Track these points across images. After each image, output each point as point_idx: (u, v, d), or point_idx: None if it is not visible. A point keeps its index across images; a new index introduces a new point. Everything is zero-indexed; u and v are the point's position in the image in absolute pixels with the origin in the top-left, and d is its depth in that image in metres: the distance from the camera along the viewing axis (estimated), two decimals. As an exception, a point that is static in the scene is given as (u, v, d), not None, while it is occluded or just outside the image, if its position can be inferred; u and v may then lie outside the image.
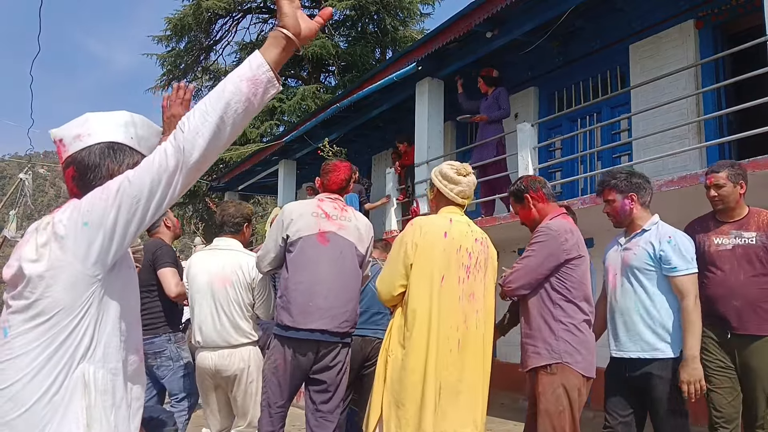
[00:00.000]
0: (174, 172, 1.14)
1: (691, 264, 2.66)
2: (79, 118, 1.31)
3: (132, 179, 1.14)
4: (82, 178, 1.26)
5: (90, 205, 1.15)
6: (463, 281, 2.41)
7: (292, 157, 11.92)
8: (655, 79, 5.66)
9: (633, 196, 2.80)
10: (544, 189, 2.78)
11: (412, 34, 17.92)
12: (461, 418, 2.32)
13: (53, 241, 1.14)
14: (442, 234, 2.42)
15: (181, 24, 17.19)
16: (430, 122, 7.88)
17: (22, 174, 8.67)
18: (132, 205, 1.14)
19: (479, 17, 6.43)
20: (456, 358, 2.34)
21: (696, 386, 2.53)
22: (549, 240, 2.56)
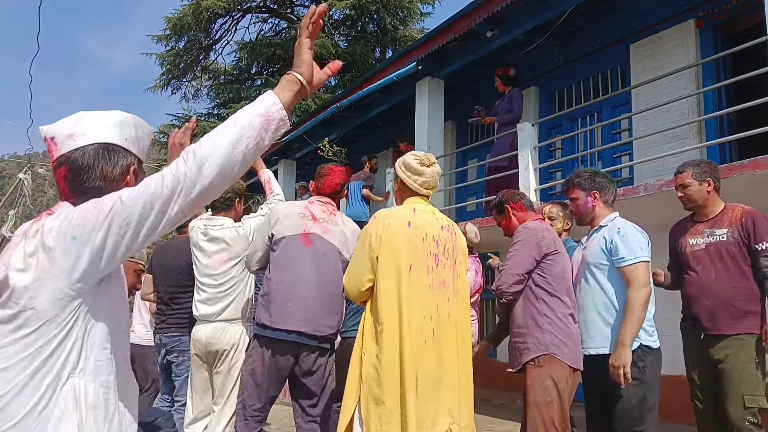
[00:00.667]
0: (168, 201, 1.12)
1: (638, 253, 2.62)
2: (72, 117, 1.27)
3: (125, 200, 1.12)
4: (75, 179, 1.23)
5: (81, 219, 1.12)
6: (432, 270, 2.37)
7: (291, 157, 11.92)
8: (656, 78, 5.66)
9: (596, 194, 2.87)
10: (523, 200, 2.99)
11: (412, 33, 17.90)
12: (440, 409, 2.29)
13: (41, 252, 1.12)
14: (406, 224, 2.38)
15: (181, 23, 17.17)
16: (430, 122, 7.88)
17: (22, 174, 8.65)
18: (122, 226, 1.11)
19: (479, 17, 6.42)
20: (431, 348, 2.30)
21: (621, 371, 2.49)
22: (528, 237, 2.69)
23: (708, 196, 2.99)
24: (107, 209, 1.12)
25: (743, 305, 2.82)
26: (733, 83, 5.10)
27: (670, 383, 5.57)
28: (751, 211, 2.89)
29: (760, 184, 4.33)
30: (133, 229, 1.12)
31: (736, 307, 2.82)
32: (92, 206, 1.13)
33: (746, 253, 2.84)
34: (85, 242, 1.11)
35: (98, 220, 1.11)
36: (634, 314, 2.54)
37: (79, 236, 1.11)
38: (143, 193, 1.12)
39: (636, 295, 2.56)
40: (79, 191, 1.21)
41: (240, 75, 19.00)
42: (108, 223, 1.11)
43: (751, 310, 2.81)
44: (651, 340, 2.63)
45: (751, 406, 2.71)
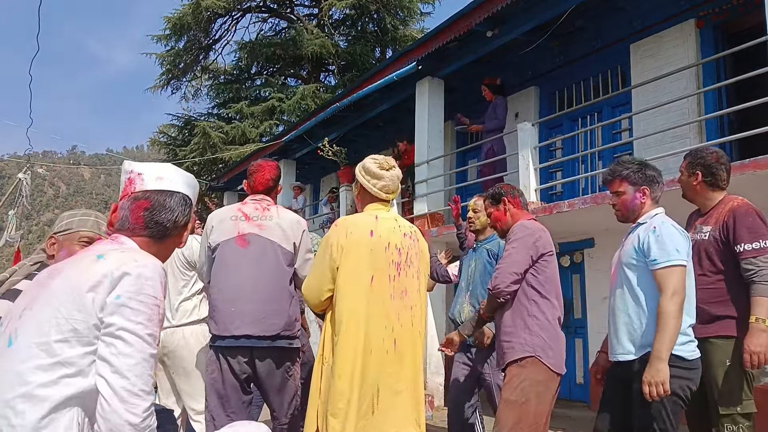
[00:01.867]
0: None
1: (672, 256, 2.34)
2: (158, 164, 1.51)
3: (144, 336, 1.26)
4: (156, 213, 1.41)
5: (137, 307, 1.26)
6: (394, 279, 2.33)
7: (291, 157, 11.91)
8: (656, 78, 5.65)
9: (645, 189, 2.55)
10: (521, 198, 2.91)
11: (412, 33, 17.90)
12: (403, 419, 2.26)
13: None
14: (368, 233, 2.34)
15: (181, 23, 17.16)
16: (430, 122, 7.87)
17: (21, 174, 8.64)
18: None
19: (479, 16, 6.42)
20: (393, 358, 2.27)
21: (659, 389, 2.24)
22: (525, 235, 2.64)
23: (696, 189, 2.78)
24: (139, 335, 1.25)
25: (715, 308, 2.63)
26: (733, 83, 5.09)
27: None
28: (737, 208, 2.65)
29: (760, 184, 4.33)
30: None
31: (706, 310, 2.61)
32: (139, 313, 1.26)
33: (726, 253, 2.63)
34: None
35: (136, 322, 1.25)
36: (668, 325, 2.26)
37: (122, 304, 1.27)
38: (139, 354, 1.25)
39: (668, 303, 2.29)
40: (152, 225, 1.40)
41: (240, 75, 19.00)
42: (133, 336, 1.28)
43: (724, 314, 2.61)
44: (683, 349, 2.36)
45: (727, 413, 2.53)
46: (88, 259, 1.30)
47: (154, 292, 1.28)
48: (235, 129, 16.28)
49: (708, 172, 2.74)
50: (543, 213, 5.75)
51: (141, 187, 1.43)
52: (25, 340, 1.21)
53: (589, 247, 6.57)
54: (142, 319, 1.24)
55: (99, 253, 1.31)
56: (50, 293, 1.25)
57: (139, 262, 1.28)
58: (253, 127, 16.39)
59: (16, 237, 8.29)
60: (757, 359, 2.47)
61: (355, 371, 2.22)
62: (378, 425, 2.20)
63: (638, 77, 6.30)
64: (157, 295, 1.29)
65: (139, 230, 1.40)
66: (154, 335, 1.27)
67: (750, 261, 2.54)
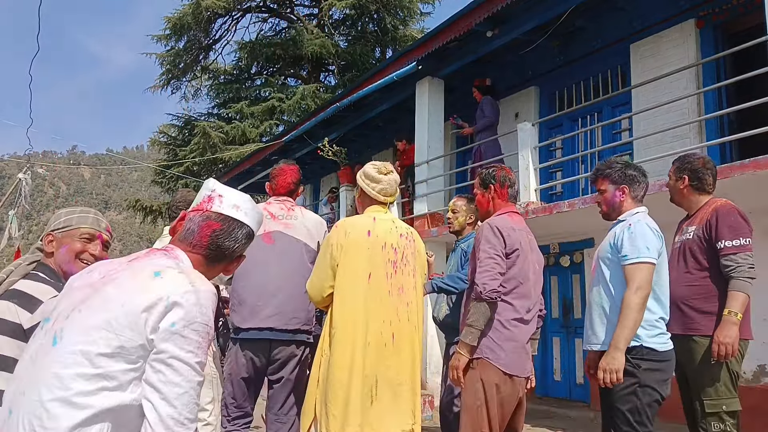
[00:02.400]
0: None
1: (642, 253, 2.45)
2: (242, 194, 1.53)
3: (190, 374, 1.25)
4: (222, 238, 1.44)
5: (182, 342, 1.24)
6: (391, 276, 2.47)
7: (291, 157, 11.89)
8: (656, 78, 5.65)
9: (625, 188, 2.68)
10: (510, 189, 2.80)
11: (412, 33, 17.90)
12: (401, 410, 2.37)
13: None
14: (366, 233, 2.49)
15: (181, 23, 17.17)
16: (431, 122, 7.87)
17: (21, 174, 8.64)
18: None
19: (479, 16, 6.42)
20: (392, 351, 2.39)
21: (612, 377, 2.37)
22: (491, 235, 2.57)
23: (683, 192, 2.89)
24: (188, 364, 1.24)
25: (699, 305, 2.71)
26: (733, 83, 5.09)
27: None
28: (720, 207, 2.74)
29: (760, 184, 4.33)
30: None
31: (691, 307, 2.72)
32: (191, 341, 1.25)
33: (710, 251, 2.71)
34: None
35: (183, 355, 1.24)
36: (629, 317, 2.39)
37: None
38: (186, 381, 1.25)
39: (632, 296, 2.41)
40: (213, 247, 1.43)
41: (240, 75, 19.00)
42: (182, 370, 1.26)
43: (708, 311, 2.68)
44: (654, 341, 2.46)
45: (712, 411, 2.59)
46: (144, 273, 1.29)
47: (206, 319, 1.28)
48: (235, 129, 16.28)
49: (694, 176, 2.86)
50: (543, 213, 5.75)
51: (217, 208, 1.46)
52: (70, 342, 1.20)
53: (589, 247, 6.57)
54: (193, 348, 1.24)
55: (156, 269, 1.30)
56: (102, 300, 1.24)
57: (194, 288, 1.27)
58: (253, 127, 16.39)
59: (17, 237, 8.29)
60: (724, 350, 2.56)
61: (354, 363, 2.33)
62: (376, 415, 2.32)
63: (638, 77, 6.30)
64: (209, 323, 1.29)
65: (199, 248, 1.42)
66: (203, 363, 1.27)
67: (730, 257, 2.64)
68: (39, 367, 1.20)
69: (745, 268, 2.61)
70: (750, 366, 4.95)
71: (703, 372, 2.63)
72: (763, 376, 4.92)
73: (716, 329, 2.62)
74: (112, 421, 1.20)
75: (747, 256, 2.63)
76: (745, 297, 2.60)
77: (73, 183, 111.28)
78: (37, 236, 73.31)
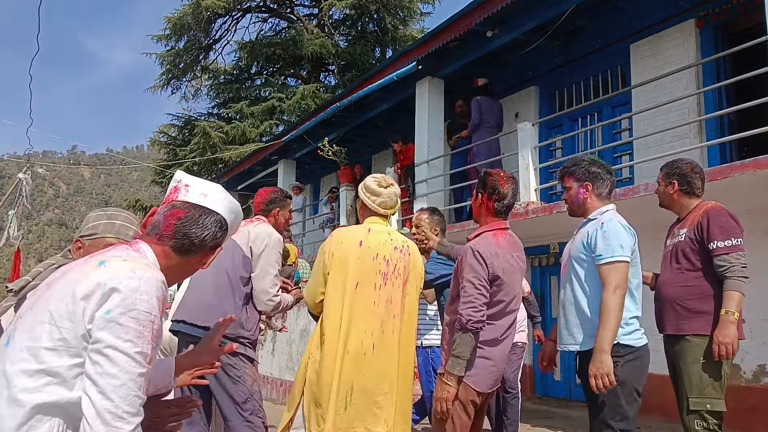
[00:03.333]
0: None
1: (616, 252, 2.45)
2: (209, 183, 1.48)
3: (128, 364, 1.19)
4: (187, 226, 1.38)
5: (131, 324, 1.20)
6: (380, 287, 2.49)
7: (291, 157, 11.91)
8: (656, 78, 5.65)
9: (588, 185, 2.68)
10: (498, 203, 2.65)
11: (412, 33, 17.91)
12: (376, 419, 2.40)
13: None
14: (358, 243, 2.53)
15: (181, 23, 17.18)
16: (431, 122, 7.87)
17: (21, 174, 8.64)
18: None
19: (479, 16, 6.42)
20: (371, 361, 2.41)
21: (604, 381, 2.36)
22: (474, 262, 2.52)
23: (672, 197, 2.94)
24: (130, 352, 1.19)
25: (692, 305, 2.73)
26: (733, 83, 5.09)
27: (670, 383, 5.57)
28: (711, 209, 2.78)
29: (760, 184, 4.33)
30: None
31: (684, 307, 2.74)
32: (138, 327, 1.20)
33: (701, 252, 2.74)
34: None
35: (128, 335, 1.19)
36: (610, 318, 2.39)
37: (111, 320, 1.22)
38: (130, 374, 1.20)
39: (610, 297, 2.41)
40: (179, 236, 1.36)
41: (240, 75, 19.01)
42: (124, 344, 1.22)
43: (701, 311, 2.70)
44: (629, 338, 2.49)
45: (696, 409, 2.63)
46: (91, 264, 1.26)
47: (148, 307, 1.21)
48: (235, 129, 16.29)
49: (684, 180, 2.91)
50: (543, 213, 5.75)
51: (184, 197, 1.42)
52: (19, 341, 1.18)
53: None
54: (132, 337, 1.17)
55: (102, 259, 1.27)
56: (50, 295, 1.22)
57: (136, 275, 1.21)
58: (253, 126, 16.39)
59: (17, 237, 8.29)
60: (725, 350, 2.57)
61: (335, 368, 2.40)
62: (349, 420, 2.36)
63: (638, 77, 6.30)
64: (151, 311, 1.21)
65: (165, 238, 1.36)
66: (144, 353, 1.19)
67: (723, 257, 2.66)
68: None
69: (739, 268, 2.63)
70: (750, 366, 4.95)
71: (693, 370, 2.67)
72: (763, 376, 4.92)
73: (714, 329, 2.63)
74: (63, 417, 1.17)
75: (739, 255, 2.66)
76: (741, 296, 2.62)
77: (73, 183, 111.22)
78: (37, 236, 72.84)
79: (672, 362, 2.82)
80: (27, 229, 50.73)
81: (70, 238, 2.00)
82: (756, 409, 4.57)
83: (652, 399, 5.58)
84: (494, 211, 2.67)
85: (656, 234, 5.80)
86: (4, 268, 48.63)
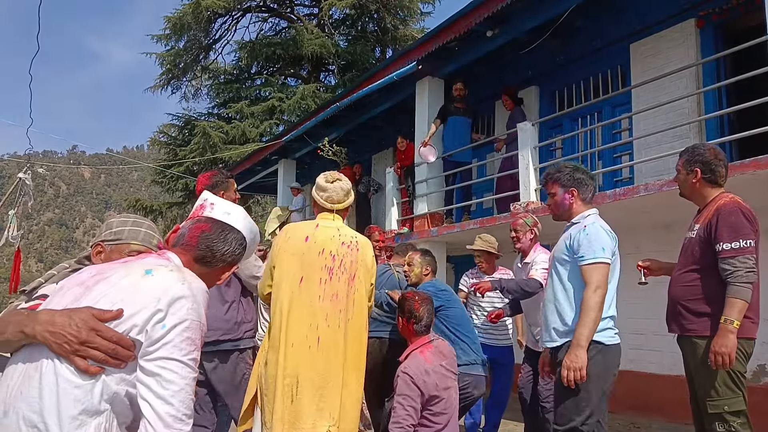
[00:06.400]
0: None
1: (598, 254, 2.56)
2: (233, 204, 1.58)
3: (185, 371, 1.26)
4: (211, 239, 1.46)
5: (186, 335, 1.26)
6: (325, 282, 2.52)
7: (291, 157, 11.91)
8: (656, 78, 5.65)
9: (573, 191, 2.79)
10: (416, 326, 3.07)
11: (412, 33, 17.91)
12: (321, 412, 2.42)
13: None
14: (304, 238, 2.58)
15: (181, 23, 17.17)
16: (431, 121, 7.87)
17: (22, 173, 8.64)
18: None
19: (480, 16, 6.42)
20: (316, 355, 2.44)
21: (576, 374, 2.45)
22: (405, 387, 2.87)
23: (694, 186, 2.76)
24: (186, 361, 1.26)
25: (693, 306, 2.64)
26: (733, 83, 5.09)
27: (670, 383, 5.58)
28: (723, 206, 2.63)
29: (760, 184, 4.33)
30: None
31: (685, 307, 2.67)
32: (188, 337, 1.26)
33: (709, 252, 2.62)
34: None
35: (179, 347, 1.25)
36: (589, 315, 2.49)
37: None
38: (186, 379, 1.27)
39: (591, 295, 2.50)
40: (203, 248, 1.45)
41: (240, 74, 19.01)
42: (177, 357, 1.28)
43: (702, 312, 2.61)
44: (601, 336, 2.56)
45: (714, 412, 2.54)
46: (136, 272, 1.29)
47: (198, 316, 1.28)
48: (236, 129, 16.29)
49: (707, 168, 2.73)
50: (543, 213, 5.75)
51: (209, 214, 1.52)
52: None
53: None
54: (186, 345, 1.25)
55: (147, 267, 1.31)
56: (94, 297, 1.25)
57: (186, 284, 1.29)
58: (254, 126, 16.39)
59: (17, 237, 8.29)
60: (721, 360, 2.47)
61: (279, 361, 2.44)
62: (295, 412, 2.40)
63: (638, 77, 6.30)
64: (201, 319, 1.29)
65: (189, 249, 1.43)
66: (196, 359, 1.28)
67: (728, 261, 2.52)
68: (31, 367, 1.21)
69: (743, 273, 2.48)
70: (750, 366, 4.91)
71: (702, 373, 2.60)
72: (763, 376, 4.92)
73: (714, 338, 2.52)
74: (111, 413, 1.23)
75: (746, 259, 2.50)
76: (743, 303, 2.47)
77: (73, 183, 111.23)
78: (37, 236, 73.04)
79: (685, 361, 2.76)
80: (27, 229, 50.70)
81: (71, 238, 2.02)
82: (756, 409, 4.55)
83: (652, 399, 5.59)
84: (415, 332, 3.06)
85: (655, 234, 5.82)
86: (4, 268, 48.63)
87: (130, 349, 1.21)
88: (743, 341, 2.54)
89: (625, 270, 2.81)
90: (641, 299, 5.25)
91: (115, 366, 1.20)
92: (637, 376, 5.49)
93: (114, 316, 1.22)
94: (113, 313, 1.22)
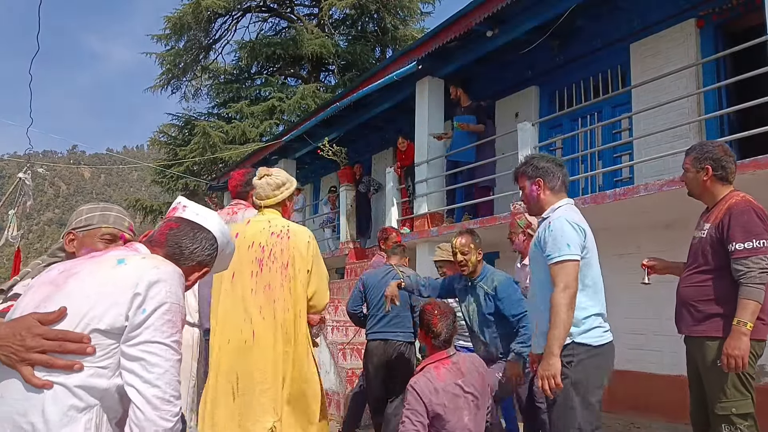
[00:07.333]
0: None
1: (563, 251, 2.39)
2: (205, 208, 1.60)
3: (168, 353, 1.28)
4: (179, 237, 1.47)
5: (167, 320, 1.29)
6: (257, 274, 2.50)
7: (291, 157, 11.90)
8: (656, 78, 5.65)
9: (540, 181, 2.63)
10: (434, 340, 2.83)
11: (412, 32, 17.91)
12: (265, 408, 2.39)
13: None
14: (235, 235, 2.54)
15: (181, 23, 17.17)
16: (431, 121, 7.87)
17: (22, 173, 8.64)
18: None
19: (479, 16, 6.42)
20: (253, 349, 2.42)
21: (550, 382, 2.30)
22: (414, 401, 2.69)
23: (705, 184, 2.68)
24: (170, 341, 1.29)
25: (703, 307, 2.59)
26: (733, 83, 5.09)
27: (670, 383, 5.58)
28: (735, 205, 2.56)
29: (760, 184, 4.33)
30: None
31: (696, 308, 2.61)
32: (169, 321, 1.29)
33: (721, 252, 2.56)
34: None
35: (166, 328, 1.28)
36: (558, 318, 2.31)
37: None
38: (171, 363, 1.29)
39: (559, 296, 2.33)
40: (172, 244, 1.45)
41: (240, 74, 19.01)
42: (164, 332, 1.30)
43: (712, 313, 2.56)
44: (584, 337, 2.41)
45: (722, 413, 2.49)
46: (107, 264, 1.31)
47: (177, 298, 1.31)
48: (236, 129, 16.29)
49: (718, 165, 2.65)
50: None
51: (180, 215, 1.54)
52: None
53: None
54: (167, 328, 1.27)
55: (118, 257, 1.33)
56: (65, 295, 1.26)
57: (160, 269, 1.30)
58: (253, 126, 16.39)
59: (17, 237, 8.29)
60: (734, 362, 2.41)
61: (219, 359, 2.42)
62: (239, 410, 2.38)
63: (638, 77, 6.29)
64: (180, 301, 1.32)
65: (158, 245, 1.45)
66: (179, 341, 1.30)
67: (741, 261, 2.47)
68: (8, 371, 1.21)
69: (756, 274, 2.42)
70: (750, 366, 4.95)
71: (712, 374, 2.54)
72: (763, 376, 4.92)
73: (726, 340, 2.46)
74: (101, 407, 1.24)
75: (760, 259, 2.44)
76: (756, 305, 2.42)
77: (73, 183, 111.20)
78: (37, 236, 72.99)
79: (694, 361, 2.69)
80: (27, 229, 50.63)
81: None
82: (756, 409, 4.57)
83: (652, 399, 5.59)
84: (433, 346, 2.84)
85: (655, 234, 5.82)
86: (4, 268, 48.59)
87: (84, 341, 1.21)
88: (754, 343, 2.47)
89: (625, 270, 2.80)
90: (641, 299, 5.25)
91: (67, 368, 1.19)
92: (637, 376, 5.49)
93: (57, 317, 1.22)
94: (56, 314, 1.22)
